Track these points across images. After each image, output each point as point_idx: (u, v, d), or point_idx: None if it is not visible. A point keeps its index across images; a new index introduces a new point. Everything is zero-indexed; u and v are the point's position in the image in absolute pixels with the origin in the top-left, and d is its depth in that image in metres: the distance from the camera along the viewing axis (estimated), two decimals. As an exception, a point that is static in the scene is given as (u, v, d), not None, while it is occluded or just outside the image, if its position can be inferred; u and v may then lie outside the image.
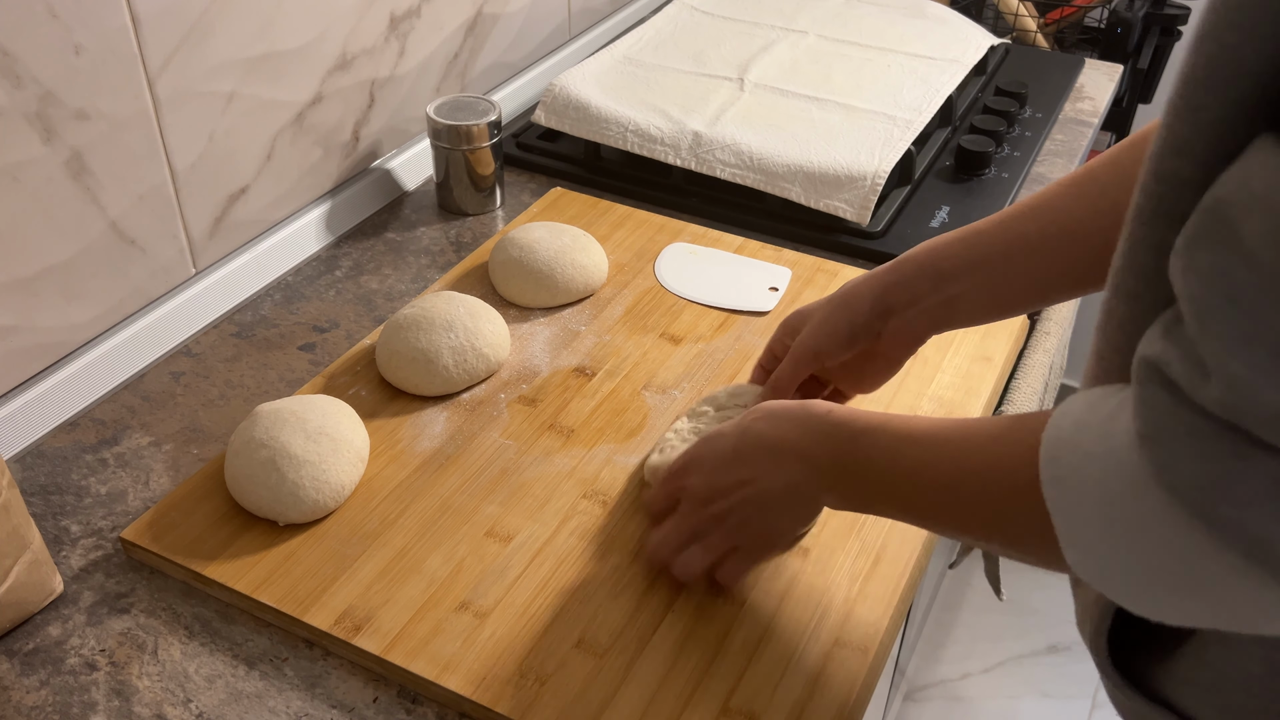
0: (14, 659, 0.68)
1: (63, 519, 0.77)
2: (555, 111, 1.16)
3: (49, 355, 0.85)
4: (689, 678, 0.66)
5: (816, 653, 0.67)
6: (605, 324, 0.94)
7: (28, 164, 0.78)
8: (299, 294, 1.00)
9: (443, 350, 0.84)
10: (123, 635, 0.70)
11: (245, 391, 0.89)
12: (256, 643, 0.69)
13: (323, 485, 0.74)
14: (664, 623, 0.69)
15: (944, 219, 1.07)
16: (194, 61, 0.88)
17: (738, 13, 1.37)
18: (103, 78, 0.81)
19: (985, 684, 1.78)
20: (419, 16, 1.11)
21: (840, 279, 1.00)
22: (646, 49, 1.28)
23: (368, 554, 0.73)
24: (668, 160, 1.11)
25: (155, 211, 0.89)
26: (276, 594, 0.70)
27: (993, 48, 1.36)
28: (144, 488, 0.80)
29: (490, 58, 1.25)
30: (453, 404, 0.85)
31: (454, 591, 0.70)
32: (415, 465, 0.80)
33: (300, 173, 1.03)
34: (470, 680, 0.65)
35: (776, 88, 1.19)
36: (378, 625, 0.68)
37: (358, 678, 0.67)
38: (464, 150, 1.07)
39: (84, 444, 0.84)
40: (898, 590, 0.71)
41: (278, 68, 0.96)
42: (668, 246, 1.04)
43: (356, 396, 0.86)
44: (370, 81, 1.07)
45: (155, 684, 0.67)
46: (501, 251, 0.97)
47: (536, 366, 0.90)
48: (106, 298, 0.88)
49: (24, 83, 0.75)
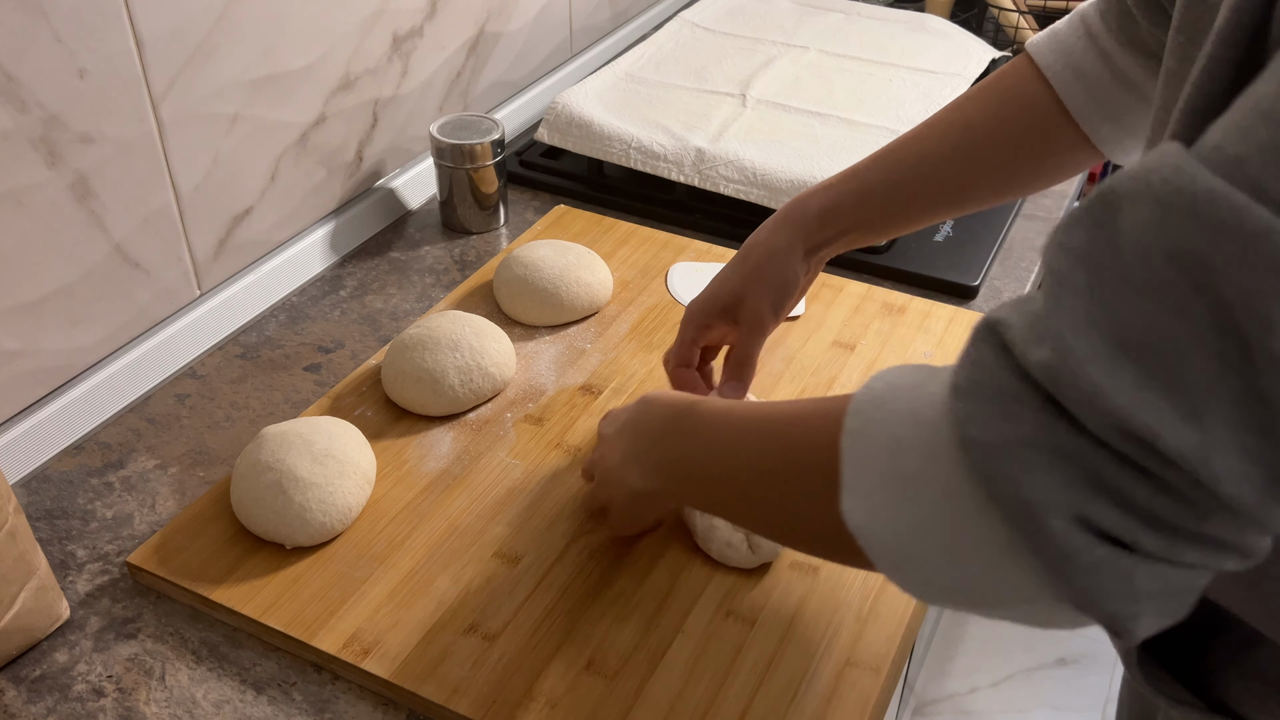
0: (21, 686, 0.68)
1: (69, 544, 0.77)
2: (558, 129, 1.16)
3: (54, 379, 0.85)
4: (701, 699, 0.65)
5: (828, 673, 0.67)
6: (611, 341, 0.94)
7: (32, 188, 0.78)
8: (304, 315, 1.00)
9: (448, 370, 0.84)
10: (130, 661, 0.69)
11: (250, 413, 0.89)
12: (264, 667, 0.69)
13: (329, 507, 0.74)
14: (674, 643, 0.68)
15: (947, 232, 1.07)
16: (198, 84, 0.88)
17: (739, 29, 1.37)
18: (107, 101, 0.81)
19: (994, 698, 1.77)
20: (421, 36, 1.11)
21: (845, 294, 0.99)
22: (648, 66, 1.28)
23: (375, 576, 0.72)
24: (671, 177, 1.10)
25: (160, 234, 0.89)
26: (284, 618, 0.69)
27: (994, 61, 1.36)
28: (150, 511, 0.80)
29: (492, 76, 1.25)
30: (459, 424, 0.85)
31: (462, 613, 0.70)
32: (422, 486, 0.79)
33: (304, 193, 1.03)
34: (480, 704, 0.64)
35: (779, 103, 1.19)
36: (386, 648, 0.68)
37: (366, 702, 0.67)
38: (467, 169, 1.07)
39: (89, 468, 0.83)
40: (909, 608, 0.71)
41: (281, 89, 0.96)
42: (674, 265, 1.04)
43: (362, 417, 0.85)
44: (373, 101, 1.08)
45: (163, 710, 0.66)
46: (506, 270, 0.97)
47: (542, 385, 0.89)
48: (111, 321, 0.87)
49: (28, 107, 0.76)
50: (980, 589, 0.42)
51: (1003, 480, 0.38)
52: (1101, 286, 0.36)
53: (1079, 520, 0.37)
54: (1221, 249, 0.33)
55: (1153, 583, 0.38)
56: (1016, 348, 0.38)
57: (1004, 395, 0.38)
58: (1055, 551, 0.37)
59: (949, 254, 1.04)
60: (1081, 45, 0.69)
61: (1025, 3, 1.54)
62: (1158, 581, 0.38)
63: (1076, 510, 0.37)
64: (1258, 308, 0.33)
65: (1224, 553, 0.38)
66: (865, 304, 0.98)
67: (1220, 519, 0.37)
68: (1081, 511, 0.37)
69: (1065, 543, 0.37)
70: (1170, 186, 0.35)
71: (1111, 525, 0.37)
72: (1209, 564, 0.38)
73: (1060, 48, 0.70)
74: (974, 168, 0.72)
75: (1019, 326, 0.39)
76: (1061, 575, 0.38)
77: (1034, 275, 1.05)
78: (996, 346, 0.39)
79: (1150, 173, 0.36)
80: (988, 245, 1.06)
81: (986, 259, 1.04)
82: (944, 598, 0.44)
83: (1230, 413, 0.34)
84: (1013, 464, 0.38)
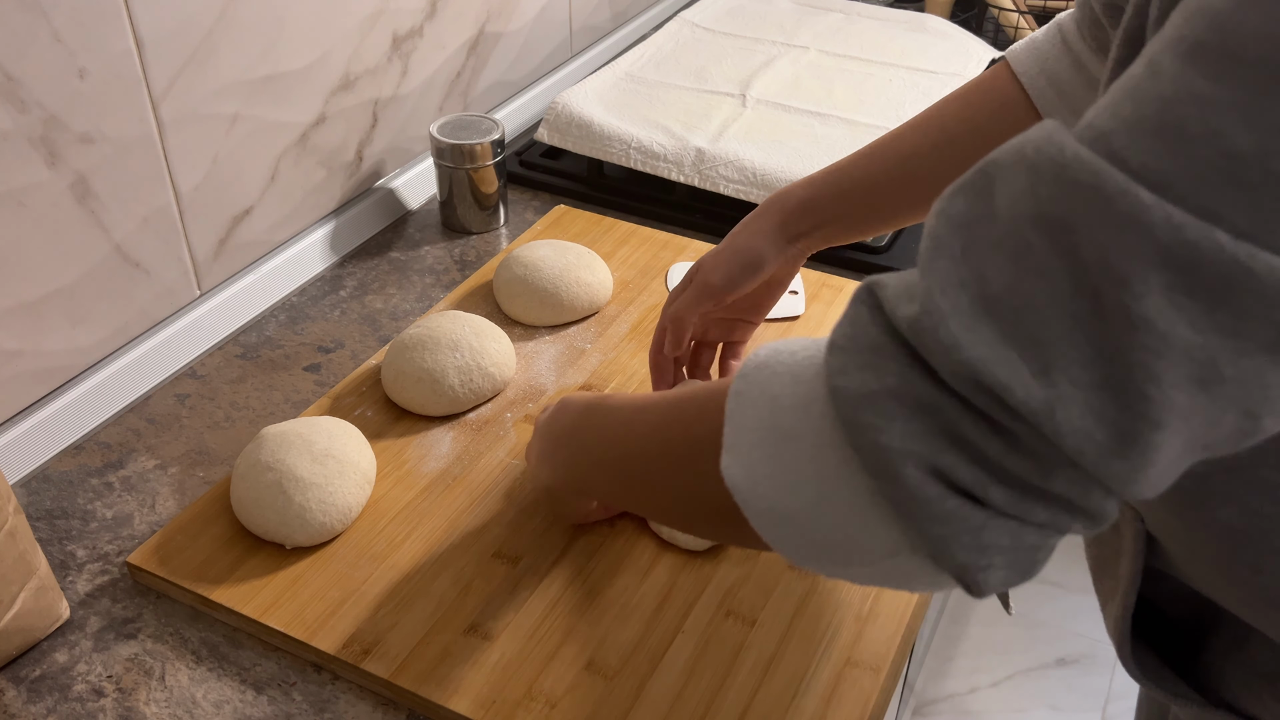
0: (20, 686, 0.68)
1: (69, 544, 0.77)
2: (558, 129, 1.16)
3: (54, 379, 0.85)
4: (701, 699, 0.65)
5: (828, 673, 0.67)
6: (611, 341, 0.94)
7: (32, 188, 0.78)
8: (304, 315, 1.00)
9: (448, 370, 0.84)
10: (130, 661, 0.69)
11: (251, 413, 0.89)
12: (264, 667, 0.69)
13: (329, 508, 0.74)
14: (674, 643, 0.68)
15: (948, 233, 1.07)
16: (198, 84, 0.88)
17: (739, 29, 1.37)
18: (107, 101, 0.81)
19: (994, 698, 1.77)
20: (421, 36, 1.11)
21: (845, 294, 0.99)
22: (648, 66, 1.28)
23: (375, 576, 0.72)
24: (671, 177, 1.11)
25: (160, 234, 0.89)
26: (284, 618, 0.69)
27: (994, 61, 1.36)
28: (150, 511, 0.80)
29: (492, 76, 1.25)
30: (459, 424, 0.85)
31: (462, 614, 0.70)
32: (422, 486, 0.79)
33: (304, 193, 1.03)
34: (480, 704, 0.64)
35: (778, 103, 1.19)
36: (386, 649, 0.68)
37: (366, 702, 0.67)
38: (467, 169, 1.07)
39: (90, 468, 0.83)
40: (909, 608, 0.71)
41: (281, 89, 0.96)
42: (674, 265, 1.04)
43: (362, 417, 0.85)
44: (373, 101, 1.08)
45: (163, 710, 0.66)
46: (506, 270, 0.97)
47: (542, 385, 0.89)
48: (111, 321, 0.87)
49: (28, 107, 0.76)
50: (848, 544, 0.43)
51: (864, 428, 0.39)
52: (972, 250, 0.38)
53: (933, 470, 0.38)
54: (1081, 211, 0.35)
55: (1002, 538, 0.39)
56: (887, 305, 0.40)
57: (872, 349, 0.40)
58: (909, 498, 0.39)
59: (949, 254, 1.04)
60: (1056, 51, 0.71)
61: (1025, 3, 1.54)
62: (1007, 537, 0.39)
63: (931, 461, 0.38)
64: (1113, 265, 0.34)
65: (1072, 513, 0.39)
66: (865, 304, 0.98)
67: (1066, 476, 0.38)
68: (935, 462, 0.38)
69: (919, 490, 0.38)
70: (1042, 155, 0.37)
71: (962, 477, 0.38)
72: (1057, 524, 0.39)
73: (1036, 54, 0.72)
74: (949, 166, 0.74)
75: (893, 287, 0.40)
76: (914, 523, 0.39)
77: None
78: (872, 306, 0.41)
79: (1025, 144, 0.38)
80: (987, 245, 1.06)
81: (986, 259, 1.04)
82: (817, 557, 0.44)
83: (1079, 372, 0.35)
84: (873, 413, 0.39)
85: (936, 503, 0.38)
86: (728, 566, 0.73)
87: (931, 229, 0.40)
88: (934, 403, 0.38)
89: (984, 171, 0.39)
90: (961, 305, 0.37)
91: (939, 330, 0.37)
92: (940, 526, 0.39)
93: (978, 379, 0.36)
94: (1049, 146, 0.37)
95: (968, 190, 0.39)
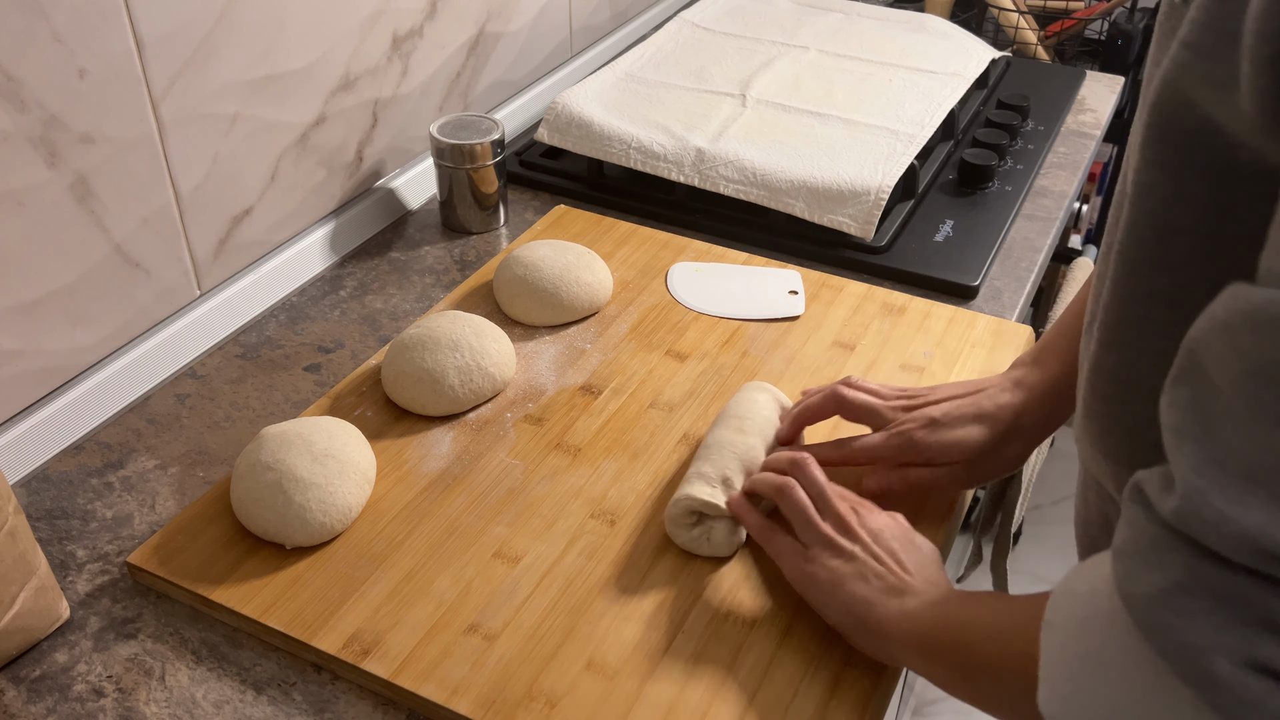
0: (20, 686, 0.68)
1: (69, 544, 0.77)
2: (558, 129, 1.16)
3: (54, 379, 0.85)
4: (701, 699, 0.65)
5: (828, 674, 0.67)
6: (611, 341, 0.94)
7: (32, 188, 0.78)
8: (304, 315, 1.00)
9: (448, 370, 0.84)
10: (130, 661, 0.69)
11: (251, 413, 0.89)
12: (264, 667, 0.69)
13: (329, 508, 0.74)
14: (674, 644, 0.68)
15: (948, 233, 1.07)
16: (198, 84, 0.88)
17: (739, 29, 1.37)
18: (107, 101, 0.81)
19: (994, 698, 1.77)
20: (421, 36, 1.11)
21: (845, 294, 0.99)
22: (648, 66, 1.28)
23: (375, 576, 0.72)
24: (671, 177, 1.11)
25: (160, 234, 0.89)
26: (284, 618, 0.69)
27: (994, 61, 1.36)
28: (150, 511, 0.80)
29: (492, 76, 1.25)
30: (459, 424, 0.85)
31: (462, 614, 0.70)
32: (422, 486, 0.79)
33: (304, 193, 1.03)
34: (480, 704, 0.64)
35: (779, 103, 1.19)
36: (386, 649, 0.68)
37: (366, 702, 0.67)
38: (467, 169, 1.07)
39: (89, 468, 0.83)
40: (909, 608, 0.71)
41: (281, 89, 0.96)
42: (674, 265, 1.04)
43: (362, 417, 0.85)
44: (373, 101, 1.08)
45: (163, 710, 0.66)
46: (506, 270, 0.97)
47: (542, 385, 0.89)
48: (111, 320, 0.87)
49: (28, 107, 0.76)
50: None
51: (1164, 629, 0.38)
52: (1210, 426, 0.38)
53: (1251, 664, 0.36)
54: None
55: None
56: (1152, 498, 0.39)
57: (1153, 546, 0.39)
58: (1233, 701, 0.36)
59: (949, 254, 1.04)
60: None
61: (1025, 3, 1.54)
62: None
63: (1246, 653, 0.36)
64: None
65: None
66: (865, 304, 0.98)
67: None
68: (1252, 654, 0.36)
69: (1241, 690, 0.36)
70: (1230, 311, 0.37)
71: None
72: None
73: None
74: None
75: (1153, 480, 0.40)
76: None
77: (1033, 276, 1.05)
78: (1143, 504, 0.40)
79: (1215, 310, 0.38)
80: (987, 245, 1.06)
81: (986, 259, 1.04)
82: None
83: None
84: (1170, 611, 0.38)
85: (1270, 699, 0.36)
86: (728, 567, 0.73)
87: (1167, 422, 0.40)
88: (1229, 588, 0.36)
89: (1189, 351, 0.40)
90: (1220, 480, 0.37)
91: (1204, 511, 0.37)
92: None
93: (1259, 546, 0.35)
94: (1234, 302, 0.37)
95: (1182, 375, 0.40)
